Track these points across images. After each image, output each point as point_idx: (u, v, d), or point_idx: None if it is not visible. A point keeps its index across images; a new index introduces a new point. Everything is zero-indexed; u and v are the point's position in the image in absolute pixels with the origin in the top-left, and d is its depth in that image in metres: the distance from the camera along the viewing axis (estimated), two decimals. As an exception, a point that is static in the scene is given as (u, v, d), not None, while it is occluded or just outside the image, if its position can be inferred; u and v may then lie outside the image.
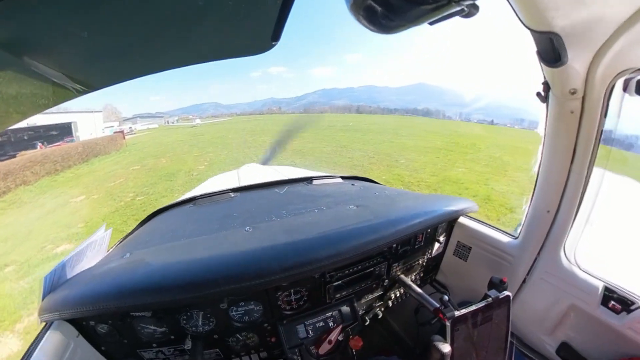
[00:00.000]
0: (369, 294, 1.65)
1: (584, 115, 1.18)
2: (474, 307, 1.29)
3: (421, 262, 1.82)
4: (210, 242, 1.41)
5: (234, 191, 2.28)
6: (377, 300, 1.74)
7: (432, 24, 0.60)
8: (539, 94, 1.26)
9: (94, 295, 1.13)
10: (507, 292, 1.34)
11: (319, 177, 2.51)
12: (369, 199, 1.93)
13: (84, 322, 1.21)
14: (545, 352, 1.54)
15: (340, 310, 1.51)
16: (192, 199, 2.21)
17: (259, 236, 1.40)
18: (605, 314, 1.30)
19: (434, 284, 2.07)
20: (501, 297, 1.32)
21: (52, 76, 0.71)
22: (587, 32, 0.92)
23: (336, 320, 1.48)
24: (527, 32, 0.97)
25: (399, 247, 1.62)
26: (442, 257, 2.01)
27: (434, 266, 2.01)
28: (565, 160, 1.29)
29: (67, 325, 1.18)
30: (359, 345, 1.46)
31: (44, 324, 1.18)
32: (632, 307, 1.24)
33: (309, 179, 2.45)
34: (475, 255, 1.83)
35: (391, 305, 1.81)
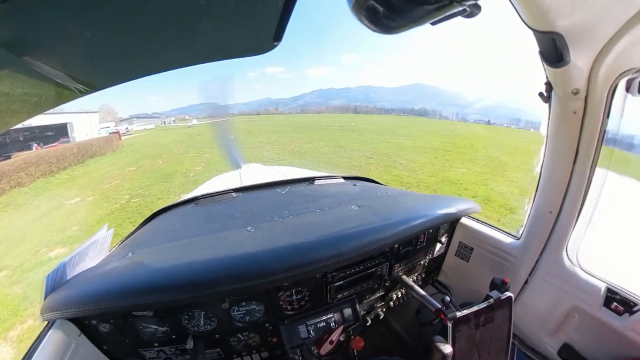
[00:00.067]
0: (371, 295, 1.65)
1: (586, 115, 1.17)
2: (475, 308, 1.29)
3: (423, 262, 1.82)
4: (212, 242, 1.41)
5: (235, 191, 2.28)
6: (379, 300, 1.74)
7: (434, 24, 0.60)
8: (541, 94, 1.26)
9: (95, 294, 1.13)
10: (509, 293, 1.34)
11: (320, 177, 2.51)
12: (371, 200, 1.93)
13: (86, 321, 1.22)
14: (547, 353, 1.53)
15: (341, 310, 1.51)
16: (194, 199, 2.21)
17: (261, 236, 1.40)
18: (607, 316, 1.30)
19: (436, 284, 2.06)
20: (503, 298, 1.32)
21: (54, 76, 0.72)
22: (590, 32, 0.91)
23: (337, 320, 1.48)
24: (525, 32, 0.96)
25: (401, 248, 1.62)
26: (444, 258, 2.00)
27: (436, 267, 2.01)
28: (567, 160, 1.29)
29: (69, 324, 1.18)
30: (361, 345, 1.46)
31: (46, 322, 1.19)
32: (635, 309, 1.23)
33: (311, 179, 2.45)
34: (477, 256, 1.83)
35: (393, 305, 1.81)
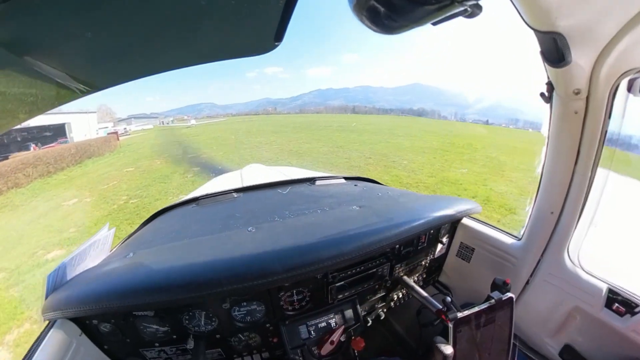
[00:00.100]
0: (372, 295, 1.65)
1: (588, 115, 1.17)
2: (476, 309, 1.28)
3: (424, 263, 1.82)
4: (213, 242, 1.41)
5: (237, 191, 2.28)
6: (380, 301, 1.73)
7: (435, 25, 0.59)
8: (542, 95, 1.26)
9: (96, 294, 1.13)
10: (510, 294, 1.33)
11: (321, 177, 2.50)
12: (372, 200, 1.93)
13: (87, 321, 1.22)
14: (548, 354, 1.53)
15: (342, 311, 1.51)
16: (195, 199, 2.21)
17: (262, 236, 1.39)
18: (609, 317, 1.29)
19: (437, 285, 2.06)
20: (504, 298, 1.32)
21: (55, 76, 0.72)
22: (591, 32, 0.91)
23: (338, 321, 1.48)
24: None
25: (402, 248, 1.61)
26: (445, 259, 2.00)
27: (437, 267, 2.00)
28: (569, 161, 1.28)
29: (70, 323, 1.19)
30: (361, 346, 1.46)
31: (47, 322, 1.19)
32: (637, 310, 1.23)
33: (312, 180, 2.44)
34: (478, 256, 1.83)
35: (393, 306, 1.80)
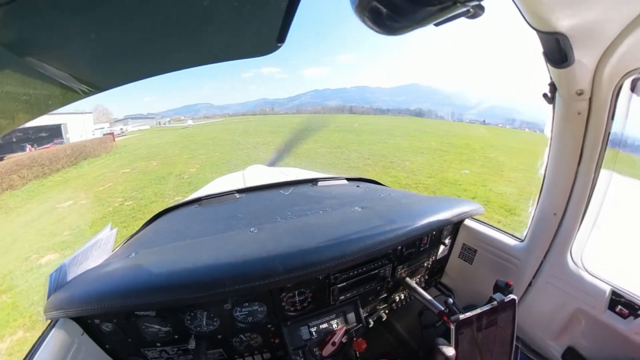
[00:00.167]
0: (374, 296, 1.65)
1: (591, 116, 1.17)
2: (479, 311, 1.28)
3: (426, 264, 1.81)
4: (215, 242, 1.41)
5: (239, 192, 2.28)
6: (382, 302, 1.73)
7: (437, 25, 0.59)
8: (545, 95, 1.25)
9: (99, 294, 1.14)
10: (512, 296, 1.33)
11: (323, 178, 2.50)
12: (374, 201, 1.92)
13: (89, 321, 1.22)
14: (551, 356, 1.52)
15: (344, 312, 1.51)
16: (197, 200, 2.22)
17: (264, 237, 1.39)
18: (612, 319, 1.28)
19: (439, 286, 2.05)
20: (506, 300, 1.31)
21: (59, 77, 0.72)
22: (594, 32, 0.91)
23: (340, 322, 1.48)
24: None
25: (404, 250, 1.61)
26: (447, 260, 1.99)
27: (439, 269, 2.00)
28: (572, 162, 1.28)
29: (72, 323, 1.19)
30: (363, 347, 1.45)
31: (49, 321, 1.19)
32: (640, 312, 1.22)
33: (314, 181, 2.44)
34: (480, 258, 1.82)
35: (395, 307, 1.80)
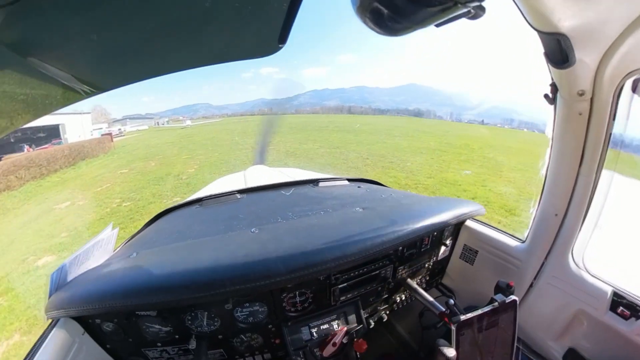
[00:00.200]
0: (374, 297, 1.64)
1: (592, 116, 1.16)
2: (480, 312, 1.27)
3: (427, 265, 1.81)
4: (216, 243, 1.41)
5: (240, 192, 2.28)
6: (382, 303, 1.73)
7: (438, 26, 0.60)
8: (546, 96, 1.25)
9: (100, 293, 1.14)
10: (513, 297, 1.32)
11: (325, 179, 2.50)
12: (376, 202, 1.92)
13: (90, 320, 1.23)
14: (552, 358, 1.51)
15: (345, 312, 1.51)
16: (198, 200, 2.22)
17: (265, 237, 1.39)
18: (613, 320, 1.28)
19: (440, 287, 2.05)
20: (508, 301, 1.31)
21: (61, 78, 0.72)
22: (595, 33, 0.91)
23: (341, 322, 1.48)
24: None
25: (405, 250, 1.61)
26: (449, 261, 1.99)
27: (440, 270, 2.00)
28: (573, 162, 1.28)
29: (73, 322, 1.19)
30: (363, 348, 1.45)
31: (50, 321, 1.20)
32: (642, 313, 1.22)
33: (315, 181, 2.44)
34: (481, 258, 1.82)
35: (396, 308, 1.80)
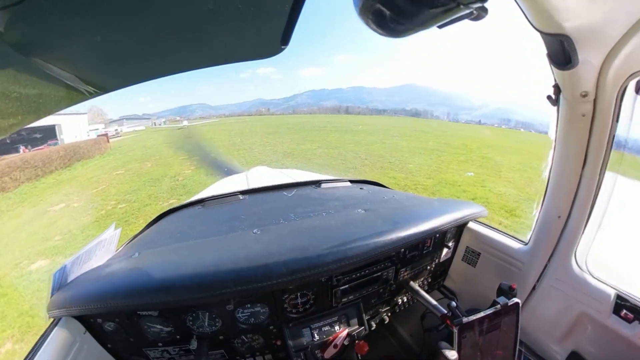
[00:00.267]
0: (376, 299, 1.64)
1: (595, 118, 1.16)
2: (482, 314, 1.27)
3: (429, 267, 1.80)
4: (218, 243, 1.41)
5: (242, 193, 2.28)
6: (384, 305, 1.72)
7: (440, 28, 0.60)
8: (549, 97, 1.25)
9: (101, 293, 1.14)
10: (516, 299, 1.31)
11: (327, 180, 2.51)
12: (378, 203, 1.92)
13: (92, 320, 1.23)
14: None
15: (346, 314, 1.50)
16: (200, 201, 2.22)
17: (267, 239, 1.39)
18: (616, 323, 1.27)
19: (442, 289, 2.04)
20: (510, 304, 1.30)
21: (64, 78, 0.73)
22: (598, 34, 0.91)
23: (342, 324, 1.48)
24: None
25: (407, 252, 1.60)
26: (451, 263, 1.98)
27: (442, 272, 1.99)
28: (576, 164, 1.27)
29: (74, 322, 1.20)
30: (365, 350, 1.45)
31: (51, 320, 1.20)
32: (646, 317, 1.21)
33: (317, 183, 2.44)
34: (484, 261, 1.81)
35: (398, 310, 1.79)
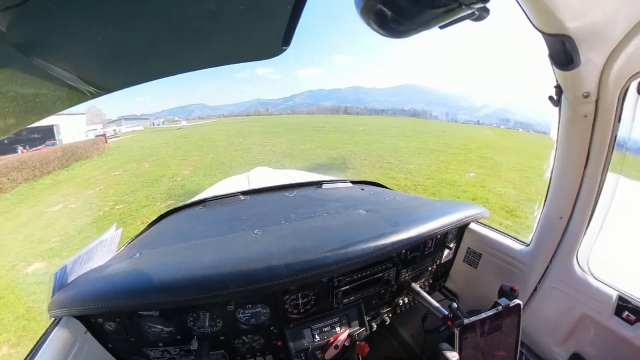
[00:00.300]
0: (377, 300, 1.64)
1: (597, 118, 1.15)
2: (483, 315, 1.26)
3: (430, 268, 1.80)
4: (219, 244, 1.41)
5: (243, 194, 2.28)
6: (385, 306, 1.72)
7: (442, 28, 0.59)
8: (551, 98, 1.24)
9: (102, 293, 1.14)
10: (517, 301, 1.31)
11: (328, 181, 2.51)
12: (379, 204, 1.92)
13: (92, 319, 1.23)
14: None
15: (347, 315, 1.50)
16: (202, 201, 2.23)
17: (268, 239, 1.39)
18: (618, 325, 1.26)
19: (443, 291, 2.04)
20: (511, 305, 1.29)
21: (66, 78, 0.73)
22: (600, 34, 0.90)
23: (343, 325, 1.47)
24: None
25: (408, 253, 1.60)
26: (452, 264, 1.98)
27: (444, 273, 1.98)
28: (578, 165, 1.27)
29: (75, 321, 1.20)
30: (366, 351, 1.45)
31: (52, 319, 1.21)
32: (647, 318, 1.20)
33: (319, 183, 2.44)
34: (485, 262, 1.80)
35: (399, 311, 1.78)
